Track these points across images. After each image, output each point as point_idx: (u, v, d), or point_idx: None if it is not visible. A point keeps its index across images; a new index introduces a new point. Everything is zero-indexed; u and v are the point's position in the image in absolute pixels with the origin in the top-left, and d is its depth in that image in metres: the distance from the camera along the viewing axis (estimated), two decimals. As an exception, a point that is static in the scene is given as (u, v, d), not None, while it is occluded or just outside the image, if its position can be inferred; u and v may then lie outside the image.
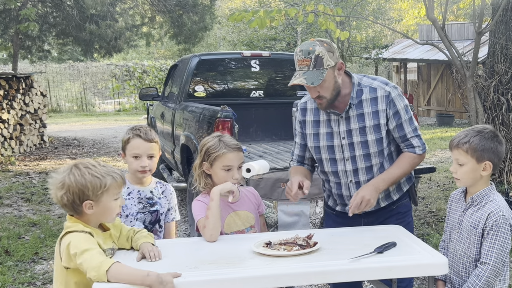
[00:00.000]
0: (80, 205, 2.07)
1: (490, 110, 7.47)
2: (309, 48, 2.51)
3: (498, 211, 2.28)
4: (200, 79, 6.49)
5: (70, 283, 2.09)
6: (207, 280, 1.97)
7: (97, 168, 2.10)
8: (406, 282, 2.70)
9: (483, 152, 2.30)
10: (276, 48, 17.16)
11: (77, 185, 2.05)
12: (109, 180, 2.09)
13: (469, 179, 2.36)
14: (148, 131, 2.62)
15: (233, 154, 2.58)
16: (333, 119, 2.68)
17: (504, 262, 2.29)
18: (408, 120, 2.65)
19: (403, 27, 25.06)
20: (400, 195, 2.79)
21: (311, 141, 2.77)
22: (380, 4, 17.60)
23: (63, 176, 2.08)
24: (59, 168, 2.15)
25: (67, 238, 2.04)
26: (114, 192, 2.12)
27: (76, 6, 13.66)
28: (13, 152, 10.83)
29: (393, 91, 2.64)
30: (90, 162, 2.13)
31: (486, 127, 2.39)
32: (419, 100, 19.45)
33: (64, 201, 2.08)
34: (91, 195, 2.06)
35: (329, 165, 2.74)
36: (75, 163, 2.14)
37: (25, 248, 5.17)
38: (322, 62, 2.49)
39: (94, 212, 2.10)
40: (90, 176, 2.06)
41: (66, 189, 2.06)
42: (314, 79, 2.49)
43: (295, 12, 6.32)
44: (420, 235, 5.33)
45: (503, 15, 7.22)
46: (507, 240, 2.28)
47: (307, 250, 2.22)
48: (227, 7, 27.96)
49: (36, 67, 21.71)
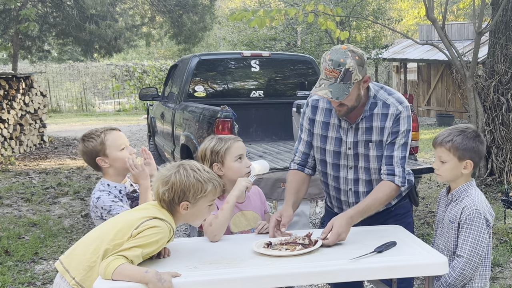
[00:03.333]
0: (178, 204, 2.14)
1: (490, 110, 7.47)
2: (340, 59, 2.40)
3: (472, 205, 2.36)
4: (200, 79, 6.49)
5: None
6: (207, 280, 1.97)
7: (202, 172, 2.17)
8: (406, 283, 2.70)
9: (465, 151, 2.37)
10: (276, 48, 17.15)
11: (181, 185, 2.12)
12: (210, 187, 2.17)
13: (450, 176, 2.44)
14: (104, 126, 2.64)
15: (238, 143, 2.64)
16: (343, 127, 2.64)
17: (480, 256, 2.34)
18: (402, 145, 2.57)
19: (403, 27, 25.06)
20: (399, 199, 2.78)
21: (318, 141, 2.73)
22: (380, 4, 17.57)
23: (170, 173, 2.15)
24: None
25: (158, 223, 2.07)
26: (211, 198, 2.20)
27: (76, 6, 13.67)
28: (13, 152, 10.83)
29: (405, 111, 2.57)
30: (196, 165, 2.21)
31: (469, 127, 2.46)
32: (419, 100, 19.45)
33: (164, 197, 2.13)
34: (191, 197, 2.13)
35: (332, 169, 2.72)
36: (182, 162, 2.21)
37: (25, 248, 5.17)
38: (351, 77, 2.41)
39: (187, 213, 2.16)
40: (194, 180, 2.13)
41: (169, 186, 2.12)
42: (340, 94, 2.41)
43: (295, 12, 6.33)
44: (420, 235, 5.33)
45: (503, 15, 7.22)
46: (482, 233, 2.34)
47: (311, 248, 2.22)
48: (227, 7, 27.99)
49: (36, 67, 21.70)
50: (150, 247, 2.03)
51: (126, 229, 2.09)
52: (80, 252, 2.16)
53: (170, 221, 2.14)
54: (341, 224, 2.36)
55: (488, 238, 2.39)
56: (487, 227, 2.37)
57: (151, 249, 2.05)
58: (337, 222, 2.37)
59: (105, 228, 2.19)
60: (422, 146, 11.40)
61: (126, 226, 2.10)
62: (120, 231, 2.10)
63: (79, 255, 2.15)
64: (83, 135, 2.60)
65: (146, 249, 2.02)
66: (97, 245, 2.11)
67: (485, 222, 2.36)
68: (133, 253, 1.98)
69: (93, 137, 2.54)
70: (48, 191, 7.79)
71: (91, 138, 2.54)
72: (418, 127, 5.42)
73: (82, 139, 2.58)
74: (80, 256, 2.14)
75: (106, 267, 1.94)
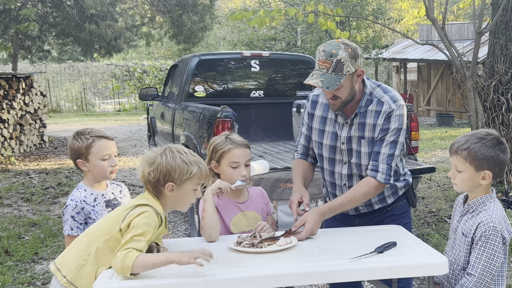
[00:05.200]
0: (163, 186, 2.15)
1: (490, 110, 7.47)
2: (332, 50, 2.45)
3: (489, 221, 2.17)
4: (200, 79, 6.49)
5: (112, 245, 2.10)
6: (207, 280, 1.96)
7: (187, 155, 2.19)
8: (404, 282, 2.70)
9: (483, 161, 2.18)
10: (276, 48, 17.15)
11: (167, 165, 2.13)
12: (195, 169, 2.17)
13: (466, 187, 2.26)
14: (99, 129, 2.62)
15: (239, 151, 2.59)
16: (339, 121, 2.68)
17: (493, 276, 2.18)
18: (391, 143, 2.56)
19: (403, 27, 25.06)
20: (395, 198, 2.79)
21: (316, 135, 2.77)
22: (380, 4, 17.57)
23: (156, 155, 2.17)
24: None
25: (143, 209, 2.09)
26: (196, 181, 2.20)
27: (76, 6, 13.67)
28: (13, 152, 10.83)
29: (397, 110, 2.57)
30: (183, 148, 2.22)
31: (490, 133, 2.24)
32: (419, 100, 19.45)
33: (150, 178, 2.15)
34: (176, 178, 2.14)
35: (327, 163, 2.76)
36: (168, 145, 2.23)
37: (25, 248, 5.17)
38: (342, 68, 2.44)
39: (173, 195, 2.17)
40: (180, 161, 2.15)
41: (155, 167, 2.14)
42: (330, 84, 2.45)
43: (295, 12, 6.33)
44: (420, 235, 5.32)
45: (503, 15, 7.22)
46: (497, 253, 2.17)
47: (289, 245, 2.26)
48: (227, 7, 27.99)
49: (36, 67, 21.72)
50: (148, 233, 2.05)
51: (112, 223, 2.13)
52: (72, 252, 2.20)
53: (156, 206, 2.14)
54: (314, 220, 2.45)
55: (503, 257, 2.21)
56: (503, 245, 2.20)
57: (150, 234, 2.06)
58: (310, 218, 2.46)
59: (94, 227, 2.24)
60: (422, 146, 11.40)
61: (112, 221, 2.14)
62: (107, 225, 2.15)
63: (71, 255, 2.19)
64: (76, 131, 2.61)
65: (147, 236, 2.04)
66: (87, 244, 2.15)
67: (502, 240, 2.18)
68: (140, 244, 2.00)
69: (81, 138, 2.55)
70: (48, 191, 7.79)
71: (80, 139, 2.56)
72: (418, 127, 5.41)
73: (73, 135, 2.59)
74: (72, 256, 2.18)
75: (122, 261, 1.95)
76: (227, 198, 2.61)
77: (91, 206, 2.55)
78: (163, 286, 1.94)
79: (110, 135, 2.65)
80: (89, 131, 2.58)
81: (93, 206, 2.56)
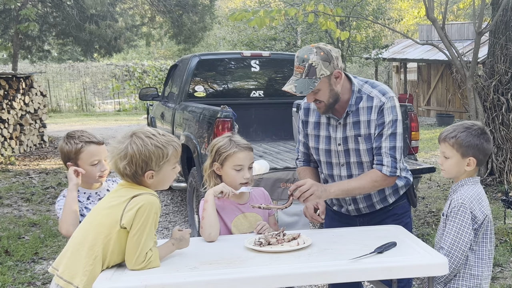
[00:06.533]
0: (142, 175, 2.07)
1: (490, 110, 7.47)
2: (304, 55, 2.50)
3: (458, 199, 2.35)
4: (200, 79, 6.49)
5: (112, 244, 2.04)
6: (207, 280, 1.97)
7: (158, 137, 2.08)
8: (404, 282, 2.70)
9: (468, 148, 2.37)
10: (276, 48, 17.16)
11: (141, 156, 2.03)
12: (171, 150, 2.10)
13: (453, 172, 2.44)
14: (90, 133, 2.58)
15: (243, 154, 2.58)
16: (332, 124, 2.69)
17: (463, 251, 2.31)
18: (389, 135, 2.57)
19: (403, 27, 25.05)
20: (396, 198, 2.79)
21: (312, 141, 2.79)
22: (380, 4, 17.57)
23: (125, 146, 2.05)
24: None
25: (141, 198, 2.03)
26: (174, 161, 2.14)
27: (76, 6, 13.68)
28: (13, 152, 10.83)
29: (388, 102, 2.58)
30: (150, 130, 2.11)
31: (475, 124, 2.44)
32: (419, 100, 19.45)
33: (127, 171, 2.06)
34: (154, 165, 2.06)
35: (326, 167, 2.77)
36: (134, 131, 2.11)
37: (25, 248, 5.17)
38: (315, 72, 2.48)
39: (154, 181, 2.10)
40: (153, 147, 2.05)
41: (129, 159, 2.04)
42: (304, 88, 2.49)
43: (295, 12, 6.33)
44: (420, 235, 5.32)
45: (503, 15, 7.22)
46: (464, 228, 2.31)
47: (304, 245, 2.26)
48: (227, 7, 27.98)
49: (36, 67, 21.71)
50: (155, 224, 2.05)
51: (110, 223, 2.04)
52: (72, 258, 2.08)
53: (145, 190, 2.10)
54: (318, 188, 2.47)
55: (471, 234, 2.32)
56: (474, 223, 2.34)
57: (155, 224, 2.06)
58: (315, 184, 2.48)
59: (90, 228, 2.10)
60: (422, 146, 11.40)
61: (109, 220, 2.05)
62: (103, 227, 2.04)
63: (74, 262, 2.07)
64: (67, 134, 2.58)
65: (153, 229, 2.05)
66: (89, 247, 2.04)
67: (470, 217, 2.32)
68: (152, 241, 2.04)
69: (71, 143, 2.53)
70: (48, 191, 7.80)
71: (69, 143, 2.53)
72: (418, 127, 5.41)
73: (64, 137, 2.57)
74: (75, 263, 2.06)
75: (146, 265, 2.02)
76: (227, 199, 2.61)
77: (84, 204, 2.55)
78: (163, 286, 1.93)
79: (101, 138, 2.60)
80: (79, 135, 2.54)
81: (86, 205, 2.56)
